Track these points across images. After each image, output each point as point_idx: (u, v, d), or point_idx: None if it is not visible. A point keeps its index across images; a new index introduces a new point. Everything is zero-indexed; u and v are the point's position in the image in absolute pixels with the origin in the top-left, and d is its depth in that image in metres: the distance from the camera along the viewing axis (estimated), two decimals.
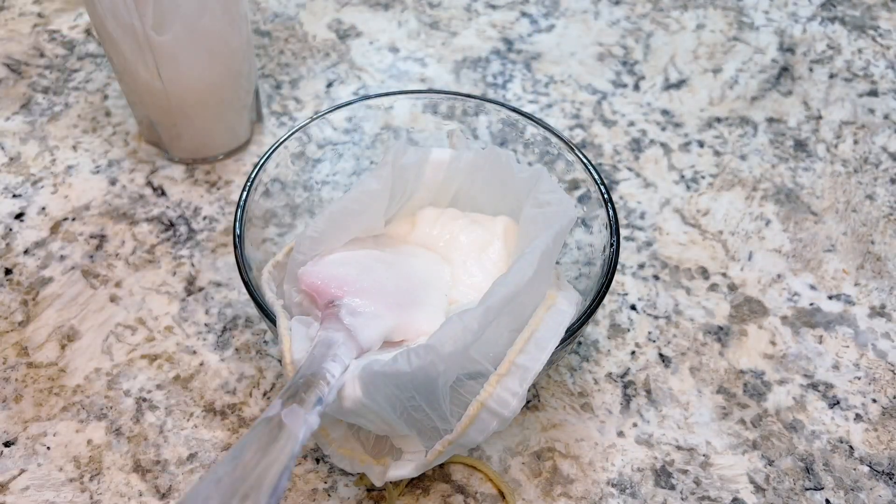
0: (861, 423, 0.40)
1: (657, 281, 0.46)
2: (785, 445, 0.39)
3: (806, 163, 0.53)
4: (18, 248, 0.46)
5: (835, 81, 0.58)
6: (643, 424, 0.40)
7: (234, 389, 0.40)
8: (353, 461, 0.33)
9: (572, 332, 0.32)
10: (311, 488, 0.37)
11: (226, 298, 0.44)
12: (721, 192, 0.51)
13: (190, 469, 0.37)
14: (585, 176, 0.39)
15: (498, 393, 0.30)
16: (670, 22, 0.62)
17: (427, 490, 0.37)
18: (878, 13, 0.64)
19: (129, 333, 0.42)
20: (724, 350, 0.43)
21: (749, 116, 0.56)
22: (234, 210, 0.48)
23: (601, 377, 0.42)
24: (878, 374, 0.42)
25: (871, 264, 0.47)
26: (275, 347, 0.42)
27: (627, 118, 0.55)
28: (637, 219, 0.49)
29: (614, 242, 0.36)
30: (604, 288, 0.34)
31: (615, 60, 0.59)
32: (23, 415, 0.39)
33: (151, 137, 0.51)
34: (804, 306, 0.45)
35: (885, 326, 0.44)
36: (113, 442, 0.38)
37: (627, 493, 0.37)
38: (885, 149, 0.54)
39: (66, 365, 0.41)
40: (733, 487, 0.38)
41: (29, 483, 0.37)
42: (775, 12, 0.64)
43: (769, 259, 0.47)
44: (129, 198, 0.49)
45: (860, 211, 0.50)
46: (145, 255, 0.46)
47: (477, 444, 0.31)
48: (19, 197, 0.49)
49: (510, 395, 0.30)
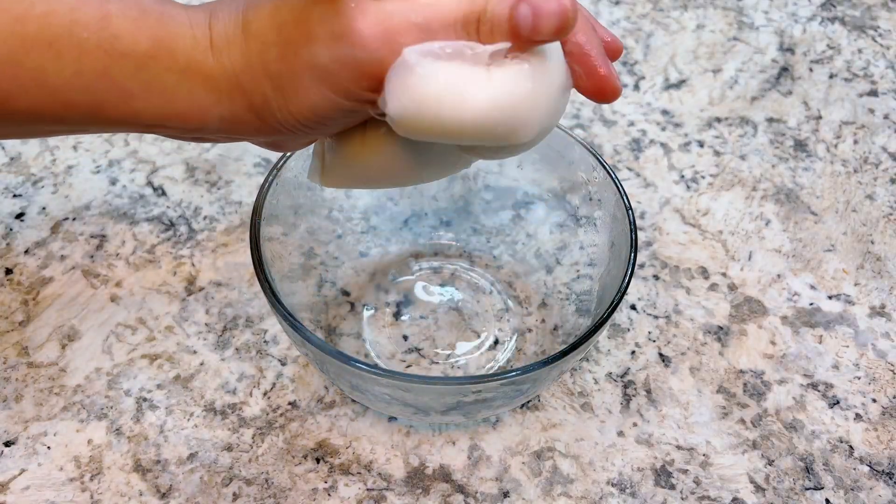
0: (861, 422, 0.40)
1: (657, 281, 0.46)
2: (785, 445, 0.39)
3: (806, 163, 0.53)
4: (19, 247, 0.46)
5: (835, 81, 0.58)
6: (643, 424, 0.40)
7: (235, 389, 0.40)
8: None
9: (587, 339, 0.32)
10: (312, 488, 0.37)
11: (226, 298, 0.44)
12: (721, 192, 0.51)
13: (190, 469, 0.38)
14: (594, 175, 0.39)
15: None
16: (670, 22, 0.62)
17: (427, 490, 0.37)
18: (878, 13, 0.64)
19: (129, 333, 0.42)
20: (723, 350, 0.43)
21: (749, 116, 0.56)
22: (234, 210, 0.48)
23: (601, 377, 0.42)
24: (877, 374, 0.42)
25: (871, 264, 0.47)
26: (275, 347, 0.42)
27: (627, 118, 0.55)
28: (637, 219, 0.49)
29: (633, 240, 0.35)
30: (624, 286, 0.34)
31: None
32: (23, 414, 0.39)
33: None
34: (804, 306, 0.45)
35: (885, 326, 0.44)
36: (113, 441, 0.38)
37: (627, 493, 0.37)
38: (884, 149, 0.54)
39: (67, 365, 0.41)
40: (733, 487, 0.38)
41: (29, 483, 0.37)
42: (775, 12, 0.64)
43: (769, 259, 0.47)
44: (129, 198, 0.49)
45: (860, 211, 0.50)
46: (146, 255, 0.46)
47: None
48: (20, 197, 0.49)
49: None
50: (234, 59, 0.26)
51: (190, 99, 0.27)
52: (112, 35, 0.25)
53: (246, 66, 0.26)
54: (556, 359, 0.32)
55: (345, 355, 0.32)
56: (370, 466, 0.38)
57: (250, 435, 0.39)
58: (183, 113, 0.27)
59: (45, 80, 0.25)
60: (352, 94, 0.26)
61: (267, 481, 0.37)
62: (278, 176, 0.37)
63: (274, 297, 0.33)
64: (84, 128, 0.28)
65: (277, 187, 0.37)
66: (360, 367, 0.31)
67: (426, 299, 0.44)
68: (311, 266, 0.42)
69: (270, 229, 0.37)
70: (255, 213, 0.36)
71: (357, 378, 0.33)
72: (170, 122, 0.27)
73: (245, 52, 0.26)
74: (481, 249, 0.46)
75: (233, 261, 0.46)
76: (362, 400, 0.36)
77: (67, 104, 0.26)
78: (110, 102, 0.26)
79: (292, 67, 0.26)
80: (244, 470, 0.38)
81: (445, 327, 0.43)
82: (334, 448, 0.39)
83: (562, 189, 0.42)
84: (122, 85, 0.26)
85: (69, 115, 0.26)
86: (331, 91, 0.26)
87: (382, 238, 0.46)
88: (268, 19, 0.26)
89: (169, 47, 0.26)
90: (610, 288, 0.36)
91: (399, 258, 0.46)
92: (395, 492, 0.37)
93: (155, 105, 0.26)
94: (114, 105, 0.26)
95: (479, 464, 0.38)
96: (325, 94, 0.26)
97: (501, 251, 0.46)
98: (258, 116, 0.27)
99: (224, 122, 0.27)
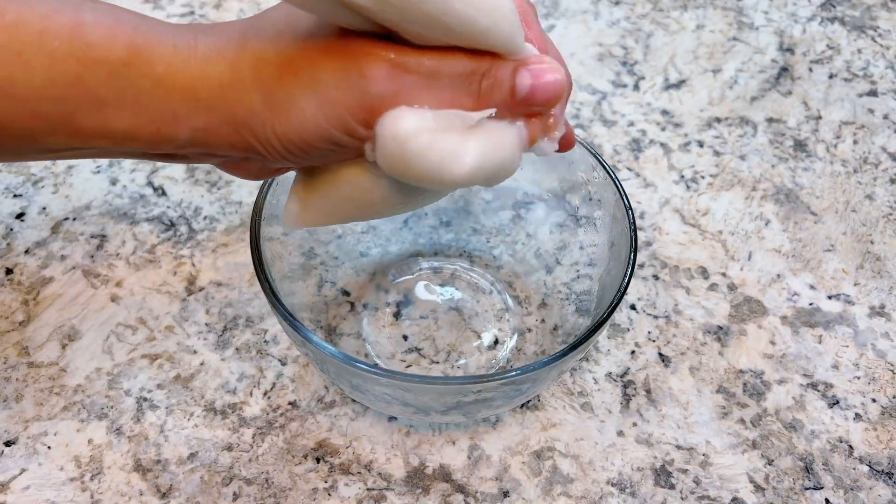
0: (860, 422, 0.40)
1: (657, 281, 0.46)
2: (784, 445, 0.39)
3: (805, 163, 0.53)
4: (19, 247, 0.46)
5: (834, 81, 0.58)
6: (643, 424, 0.40)
7: (235, 389, 0.40)
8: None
9: (587, 338, 0.32)
10: (312, 488, 0.37)
11: (226, 298, 0.44)
12: (721, 192, 0.51)
13: (190, 468, 0.38)
14: (594, 175, 0.39)
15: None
16: (670, 22, 0.63)
17: (427, 490, 0.37)
18: (877, 13, 0.64)
19: (129, 333, 0.42)
20: (723, 350, 0.43)
21: (749, 116, 0.56)
22: (234, 210, 0.48)
23: (601, 377, 0.42)
24: (877, 374, 0.42)
25: (871, 264, 0.47)
26: (275, 347, 0.42)
27: (627, 118, 0.55)
28: (637, 219, 0.49)
29: (633, 238, 0.35)
30: (624, 286, 0.34)
31: (615, 61, 0.59)
32: (23, 414, 0.39)
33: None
34: (804, 306, 0.45)
35: (885, 326, 0.44)
36: (113, 441, 0.38)
37: (627, 493, 0.37)
38: (884, 149, 0.54)
39: (67, 364, 0.41)
40: (733, 487, 0.38)
41: (30, 482, 0.37)
42: (775, 12, 0.64)
43: (769, 259, 0.47)
44: (129, 198, 0.49)
45: (860, 211, 0.50)
46: (146, 255, 0.46)
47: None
48: (20, 197, 0.49)
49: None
50: (220, 70, 0.26)
51: (164, 107, 0.26)
52: (85, 44, 0.25)
53: (234, 79, 0.26)
54: (556, 359, 0.32)
55: (345, 355, 0.32)
56: (370, 466, 0.38)
57: (250, 435, 0.39)
58: (155, 121, 0.26)
59: (13, 90, 0.25)
60: (345, 125, 0.26)
61: (267, 481, 0.37)
62: (278, 176, 0.37)
63: (274, 297, 0.33)
64: (53, 143, 0.27)
65: (277, 187, 0.37)
66: (360, 367, 0.31)
67: (426, 299, 0.44)
68: (311, 266, 0.42)
69: (270, 229, 0.37)
70: (255, 213, 0.36)
71: (357, 378, 0.33)
72: (141, 132, 0.27)
73: (235, 65, 0.26)
74: (481, 249, 0.46)
75: (233, 261, 0.46)
76: (362, 400, 0.37)
77: (37, 115, 0.25)
78: (82, 111, 0.26)
79: (289, 87, 0.26)
80: (244, 470, 0.38)
81: (445, 327, 0.43)
82: (334, 448, 0.39)
83: (562, 189, 0.42)
84: (94, 93, 0.25)
85: (38, 126, 0.26)
86: (324, 118, 0.26)
87: (382, 238, 0.46)
88: (271, 41, 0.26)
89: (145, 54, 0.26)
90: (610, 288, 0.36)
91: (399, 258, 0.46)
92: (395, 491, 0.37)
93: (128, 114, 0.26)
94: (85, 114, 0.26)
95: (479, 463, 0.38)
96: (317, 121, 0.26)
97: (501, 251, 0.46)
98: (236, 130, 0.27)
99: (198, 133, 0.27)
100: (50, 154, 0.28)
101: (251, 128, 0.27)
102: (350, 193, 0.30)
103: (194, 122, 0.27)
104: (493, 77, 0.26)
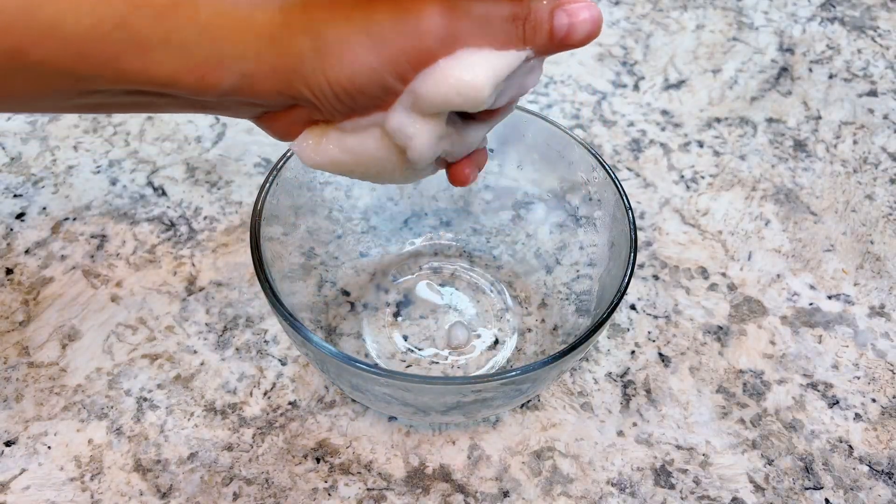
0: (860, 422, 0.40)
1: (657, 281, 0.46)
2: (784, 445, 0.39)
3: (805, 163, 0.53)
4: (19, 247, 0.46)
5: (834, 81, 0.58)
6: (643, 424, 0.40)
7: (235, 389, 0.40)
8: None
9: (587, 338, 0.32)
10: (312, 488, 0.37)
11: (226, 298, 0.44)
12: (720, 192, 0.51)
13: (190, 468, 0.38)
14: (594, 175, 0.39)
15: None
16: (670, 22, 0.63)
17: (427, 490, 0.37)
18: (877, 13, 0.64)
19: (129, 333, 0.42)
20: (723, 350, 0.43)
21: (749, 116, 0.56)
22: (234, 210, 0.48)
23: (601, 377, 0.42)
24: (877, 374, 0.42)
25: (871, 264, 0.47)
26: (275, 347, 0.42)
27: (627, 118, 0.55)
28: (637, 219, 0.49)
29: (633, 238, 0.35)
30: (624, 286, 0.34)
31: (615, 61, 0.59)
32: (24, 414, 0.39)
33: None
34: (803, 306, 0.45)
35: (885, 326, 0.44)
36: (113, 441, 0.38)
37: (627, 493, 0.37)
38: (884, 149, 0.54)
39: (67, 364, 0.41)
40: (733, 487, 0.38)
41: (30, 482, 0.37)
42: (775, 13, 0.64)
43: (769, 259, 0.47)
44: (129, 198, 0.49)
45: (859, 211, 0.50)
46: (146, 255, 0.46)
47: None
48: (20, 197, 0.49)
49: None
50: (269, 13, 0.26)
51: (210, 52, 0.26)
52: None
53: (284, 23, 0.26)
54: (555, 359, 0.32)
55: (345, 355, 0.32)
56: (370, 466, 0.38)
57: (250, 435, 0.39)
58: (200, 66, 0.26)
59: (60, 30, 0.24)
60: (398, 69, 0.26)
61: (267, 481, 0.37)
62: (278, 176, 0.37)
63: (274, 297, 0.33)
64: (96, 87, 0.27)
65: (277, 187, 0.37)
66: (360, 367, 0.31)
67: (426, 299, 0.44)
68: (311, 266, 0.42)
69: (270, 229, 0.37)
70: (255, 213, 0.36)
71: (357, 378, 0.33)
72: (186, 77, 0.26)
73: (284, 9, 0.26)
74: (481, 249, 0.46)
75: (233, 261, 0.46)
76: (362, 400, 0.37)
77: (82, 55, 0.25)
78: (127, 54, 0.25)
79: (341, 30, 0.25)
80: (244, 470, 0.38)
81: (445, 327, 0.43)
82: (334, 448, 0.39)
83: (562, 189, 0.42)
84: (139, 35, 0.25)
85: (84, 68, 0.25)
86: (378, 61, 0.25)
87: (382, 238, 0.46)
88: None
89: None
90: (610, 288, 0.36)
91: (399, 258, 0.46)
92: (395, 491, 0.37)
93: (172, 58, 0.26)
94: (130, 57, 0.25)
95: (478, 463, 0.38)
96: (370, 64, 0.25)
97: (501, 251, 0.46)
98: (284, 78, 0.26)
99: (244, 80, 0.26)
100: (90, 104, 0.28)
101: (301, 73, 0.26)
102: (367, 146, 0.30)
103: (241, 67, 0.26)
104: (533, 20, 0.27)
